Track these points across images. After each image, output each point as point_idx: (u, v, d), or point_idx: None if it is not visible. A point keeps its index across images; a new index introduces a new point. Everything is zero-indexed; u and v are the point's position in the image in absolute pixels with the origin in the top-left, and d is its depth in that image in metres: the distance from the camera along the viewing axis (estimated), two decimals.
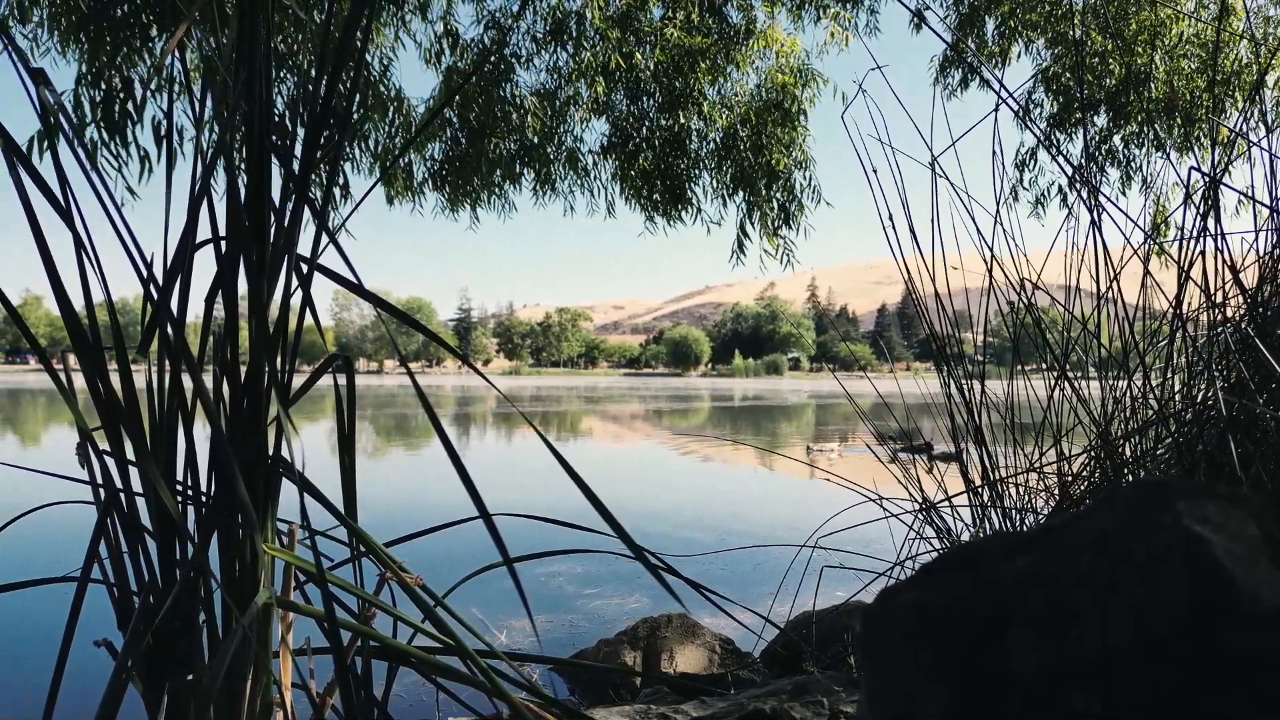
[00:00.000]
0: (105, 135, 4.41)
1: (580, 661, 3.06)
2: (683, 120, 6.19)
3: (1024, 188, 7.28)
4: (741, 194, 6.40)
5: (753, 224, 6.40)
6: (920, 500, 2.03)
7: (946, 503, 2.01)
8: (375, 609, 1.13)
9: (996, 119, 2.11)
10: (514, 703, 0.95)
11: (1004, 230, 2.03)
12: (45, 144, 4.00)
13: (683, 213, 6.53)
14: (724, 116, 6.21)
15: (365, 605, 1.13)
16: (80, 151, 1.15)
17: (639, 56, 6.09)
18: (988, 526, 1.88)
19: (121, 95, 4.43)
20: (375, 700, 1.08)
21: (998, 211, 2.00)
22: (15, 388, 50.11)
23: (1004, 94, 2.02)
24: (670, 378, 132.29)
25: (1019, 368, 2.09)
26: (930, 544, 2.00)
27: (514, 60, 6.35)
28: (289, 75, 4.99)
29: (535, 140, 6.40)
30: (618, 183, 6.60)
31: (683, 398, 48.94)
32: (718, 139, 6.35)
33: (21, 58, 1.15)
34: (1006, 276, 2.01)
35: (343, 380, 1.19)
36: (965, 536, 1.92)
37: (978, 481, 1.93)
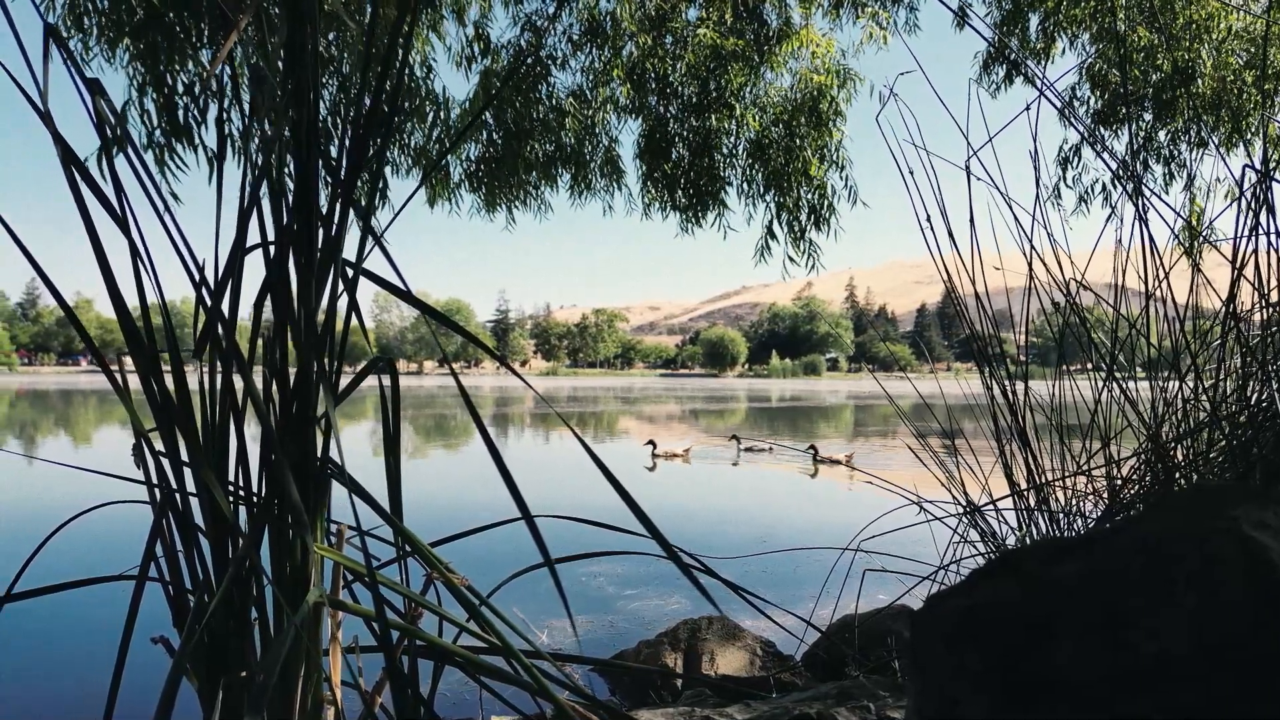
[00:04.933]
0: (168, 139, 4.54)
1: (623, 664, 3.07)
2: (714, 123, 6.17)
3: (1068, 185, 7.17)
4: (771, 195, 6.36)
5: (781, 226, 6.36)
6: (964, 504, 2.00)
7: (991, 506, 1.98)
8: (421, 609, 1.14)
9: (1038, 114, 2.08)
10: (559, 703, 0.96)
11: (1045, 228, 2.00)
12: (101, 153, 4.12)
13: (705, 215, 6.51)
14: (756, 119, 6.18)
15: (412, 605, 1.15)
16: (135, 160, 1.18)
17: (668, 61, 6.09)
18: (1034, 531, 1.85)
19: (183, 98, 4.55)
20: (422, 698, 1.10)
21: (1035, 208, 1.96)
22: (69, 388, 51.56)
23: (1046, 90, 1.99)
24: (707, 378, 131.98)
25: (1064, 368, 2.06)
26: (975, 547, 1.97)
27: (550, 62, 6.39)
28: (330, 80, 5.07)
29: (572, 141, 6.44)
30: (646, 184, 6.60)
31: (719, 398, 48.79)
32: (749, 139, 6.32)
33: (77, 68, 1.18)
34: (1050, 275, 1.98)
35: (387, 382, 1.21)
36: (1011, 540, 1.89)
37: (1023, 485, 1.89)
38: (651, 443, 14.75)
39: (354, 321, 1.21)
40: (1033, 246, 1.94)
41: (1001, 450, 1.96)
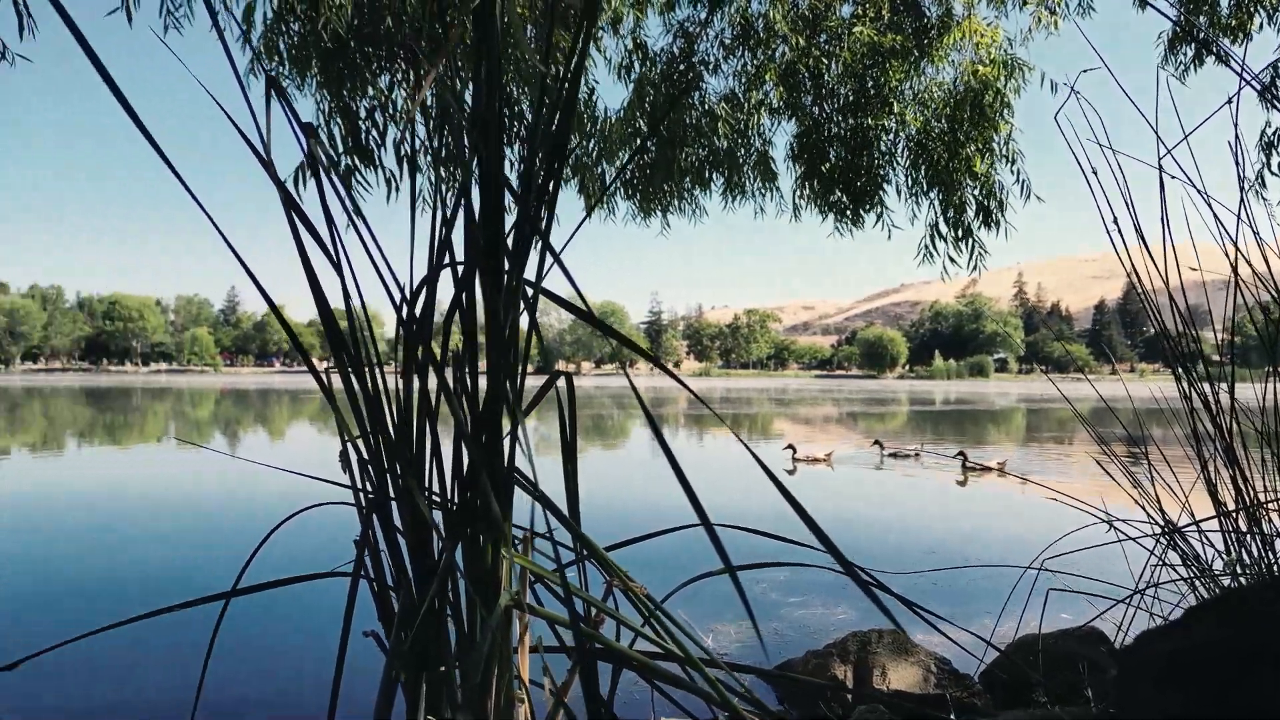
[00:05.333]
0: (357, 162, 4.93)
1: (795, 676, 3.04)
2: (871, 122, 6.02)
3: (1272, 172, 6.51)
4: (935, 193, 6.13)
5: (948, 224, 6.12)
6: (1162, 524, 1.86)
7: (1194, 527, 1.83)
8: (602, 614, 1.19)
9: (1237, 102, 1.92)
10: (738, 712, 0.98)
11: (1250, 224, 1.84)
12: (304, 182, 4.55)
13: (863, 217, 6.36)
14: (917, 116, 5.98)
15: (593, 611, 1.20)
16: (343, 192, 1.29)
17: (823, 61, 6.00)
18: (1245, 556, 1.69)
19: (365, 123, 4.93)
20: (602, 700, 1.15)
21: (1239, 209, 1.81)
22: (266, 388, 56.63)
23: (1245, 73, 1.83)
24: (865, 380, 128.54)
25: (1274, 369, 1.88)
26: (1174, 570, 1.82)
27: (702, 68, 6.43)
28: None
29: (725, 145, 6.45)
30: (801, 186, 6.52)
31: (879, 401, 47.43)
32: (909, 136, 6.12)
33: (295, 115, 1.31)
34: (1254, 271, 1.82)
35: (562, 385, 1.27)
36: (1217, 564, 1.74)
37: (1230, 504, 1.73)
38: (791, 447, 14.51)
39: (536, 336, 1.28)
40: (1237, 246, 1.79)
41: (1203, 464, 1.80)
